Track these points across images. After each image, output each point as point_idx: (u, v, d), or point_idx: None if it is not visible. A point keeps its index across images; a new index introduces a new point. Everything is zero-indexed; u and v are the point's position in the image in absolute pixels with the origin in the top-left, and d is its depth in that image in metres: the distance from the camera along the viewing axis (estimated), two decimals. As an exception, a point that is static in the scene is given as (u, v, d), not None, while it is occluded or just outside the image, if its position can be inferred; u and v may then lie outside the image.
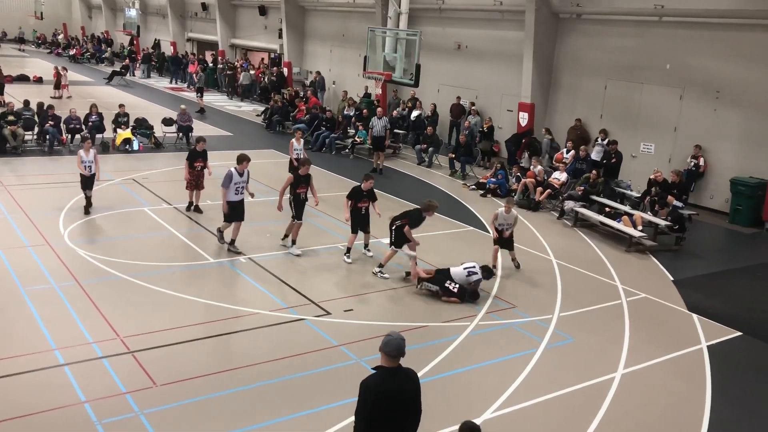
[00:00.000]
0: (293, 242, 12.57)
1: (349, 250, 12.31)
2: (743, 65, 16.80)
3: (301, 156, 16.68)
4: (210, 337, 9.11)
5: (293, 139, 17.00)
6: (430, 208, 11.62)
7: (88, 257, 11.63)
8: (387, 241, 12.11)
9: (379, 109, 21.60)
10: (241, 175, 12.21)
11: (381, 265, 11.78)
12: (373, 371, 5.14)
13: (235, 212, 12.30)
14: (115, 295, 10.27)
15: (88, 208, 14.05)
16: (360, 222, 12.30)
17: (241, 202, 12.42)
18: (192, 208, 14.77)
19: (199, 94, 30.19)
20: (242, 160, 12.26)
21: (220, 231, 12.54)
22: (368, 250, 12.62)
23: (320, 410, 7.50)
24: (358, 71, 25.56)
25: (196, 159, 14.58)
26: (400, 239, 11.52)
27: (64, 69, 31.52)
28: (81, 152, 14.09)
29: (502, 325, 10.14)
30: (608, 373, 8.82)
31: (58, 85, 30.41)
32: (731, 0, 16.68)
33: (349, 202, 12.16)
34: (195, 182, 14.65)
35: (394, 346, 5.09)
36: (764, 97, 16.40)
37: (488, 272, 11.19)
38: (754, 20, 16.42)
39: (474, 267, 11.00)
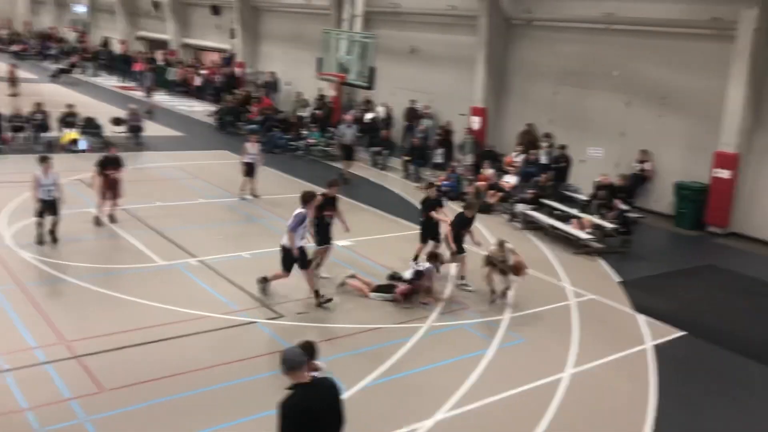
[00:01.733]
0: (317, 265, 11.36)
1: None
2: (687, 73, 17.33)
3: (256, 161, 16.32)
4: (159, 341, 8.93)
5: (248, 143, 16.45)
6: (470, 206, 12.04)
7: (32, 260, 11.28)
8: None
9: (347, 116, 21.13)
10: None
11: (462, 277, 11.82)
12: (289, 390, 4.89)
13: (301, 259, 10.41)
14: (61, 298, 9.99)
15: (54, 237, 11.94)
16: (432, 231, 12.29)
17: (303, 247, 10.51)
18: (109, 219, 13.47)
19: (147, 94, 29.60)
20: (309, 198, 10.24)
21: (267, 281, 10.61)
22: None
23: (272, 414, 7.41)
24: (312, 73, 25.45)
25: (107, 166, 13.28)
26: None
27: (15, 66, 30.61)
28: (38, 174, 11.68)
29: (455, 326, 10.22)
30: (557, 373, 8.98)
31: (15, 82, 29.34)
32: (676, 10, 17.21)
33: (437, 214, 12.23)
34: (109, 191, 13.32)
35: (290, 360, 4.89)
36: (707, 104, 16.94)
37: (434, 258, 11.34)
38: (697, 30, 16.96)
39: (420, 267, 11.05)
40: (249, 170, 16.31)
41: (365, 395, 8.02)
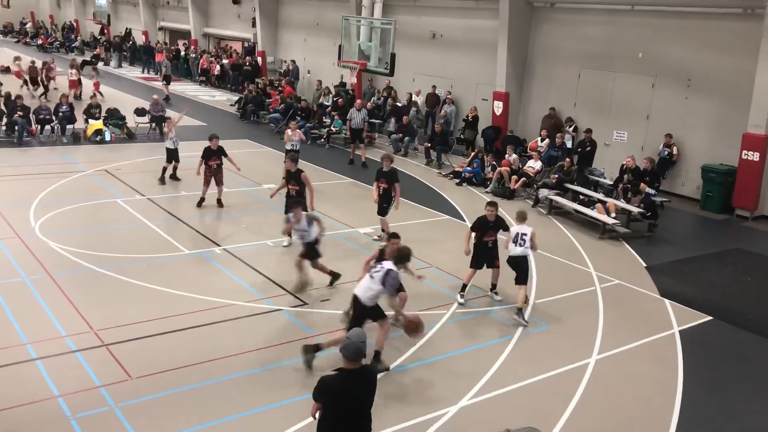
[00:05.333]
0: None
1: (464, 287, 10.53)
2: (713, 54, 17.01)
3: (297, 148, 16.28)
4: (185, 329, 9.03)
5: (288, 130, 16.87)
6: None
7: (60, 249, 11.45)
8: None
9: (357, 101, 21.36)
10: None
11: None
12: (335, 372, 5.16)
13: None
14: (88, 287, 10.14)
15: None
16: (486, 256, 10.51)
17: None
18: (217, 203, 14.53)
19: (165, 82, 29.75)
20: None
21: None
22: (496, 293, 10.71)
23: (297, 400, 7.48)
24: (332, 60, 25.41)
25: (211, 157, 14.30)
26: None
27: (52, 60, 30.52)
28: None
29: (479, 312, 10.20)
30: (583, 359, 8.92)
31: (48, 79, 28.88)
32: (702, -11, 16.88)
33: (474, 234, 10.40)
34: (212, 178, 14.34)
35: (353, 350, 5.13)
36: (733, 85, 16.63)
37: (400, 257, 8.58)
38: (722, 9, 16.63)
39: (379, 270, 8.16)
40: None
41: (390, 381, 8.05)
